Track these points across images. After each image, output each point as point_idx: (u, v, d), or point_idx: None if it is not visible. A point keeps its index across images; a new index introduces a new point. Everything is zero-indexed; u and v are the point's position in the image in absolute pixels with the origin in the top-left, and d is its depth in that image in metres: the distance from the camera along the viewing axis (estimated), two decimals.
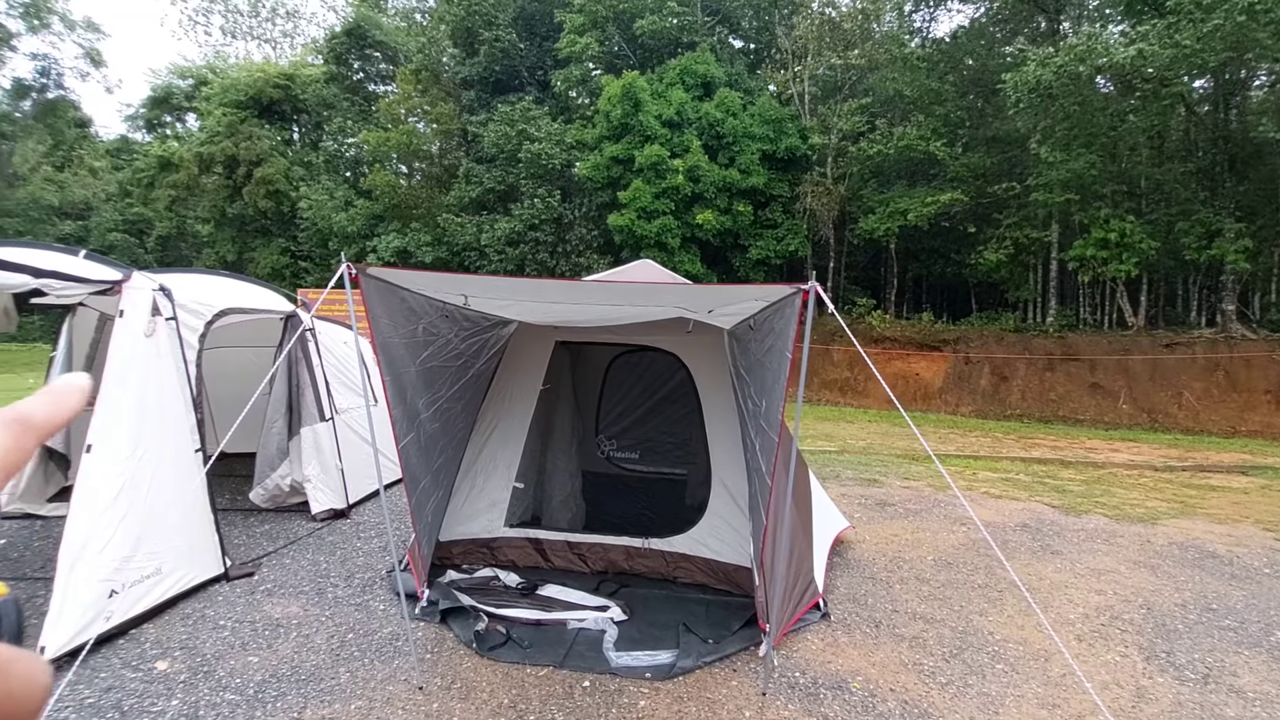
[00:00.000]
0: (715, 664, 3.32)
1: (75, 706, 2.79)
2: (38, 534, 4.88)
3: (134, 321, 3.91)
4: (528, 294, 3.45)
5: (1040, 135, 14.19)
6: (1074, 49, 11.94)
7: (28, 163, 29.03)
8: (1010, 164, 16.59)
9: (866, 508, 6.59)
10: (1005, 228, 16.39)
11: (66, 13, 28.49)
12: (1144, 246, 14.35)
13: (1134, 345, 15.25)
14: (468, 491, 4.57)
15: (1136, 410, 14.65)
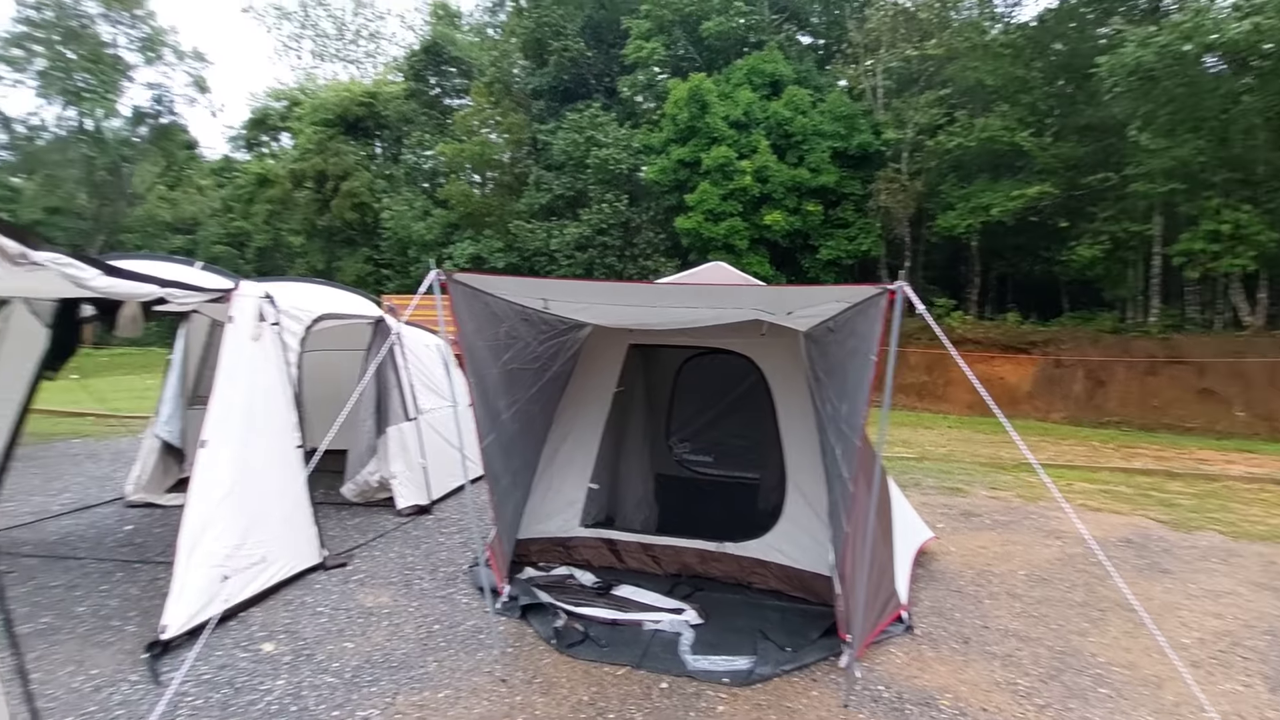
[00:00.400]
0: (794, 673, 3.26)
1: (195, 682, 3.03)
2: (158, 521, 5.34)
3: (242, 327, 4.22)
4: (604, 297, 3.50)
5: (1141, 121, 13.16)
6: (1179, 26, 11.01)
7: (145, 183, 31.83)
8: (1106, 153, 15.48)
9: (950, 518, 6.31)
10: (1101, 221, 15.30)
11: (176, 44, 31.05)
12: (1262, 238, 13.07)
13: (1250, 347, 13.90)
14: (544, 491, 4.68)
15: (1254, 418, 13.35)
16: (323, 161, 25.07)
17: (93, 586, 4.07)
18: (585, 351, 4.81)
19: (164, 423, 5.77)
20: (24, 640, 3.34)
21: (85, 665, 3.17)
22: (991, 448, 10.71)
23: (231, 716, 2.79)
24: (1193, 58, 11.59)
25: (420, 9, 38.00)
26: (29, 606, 3.77)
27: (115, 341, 23.71)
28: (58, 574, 4.26)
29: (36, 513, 5.50)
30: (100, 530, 5.13)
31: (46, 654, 3.26)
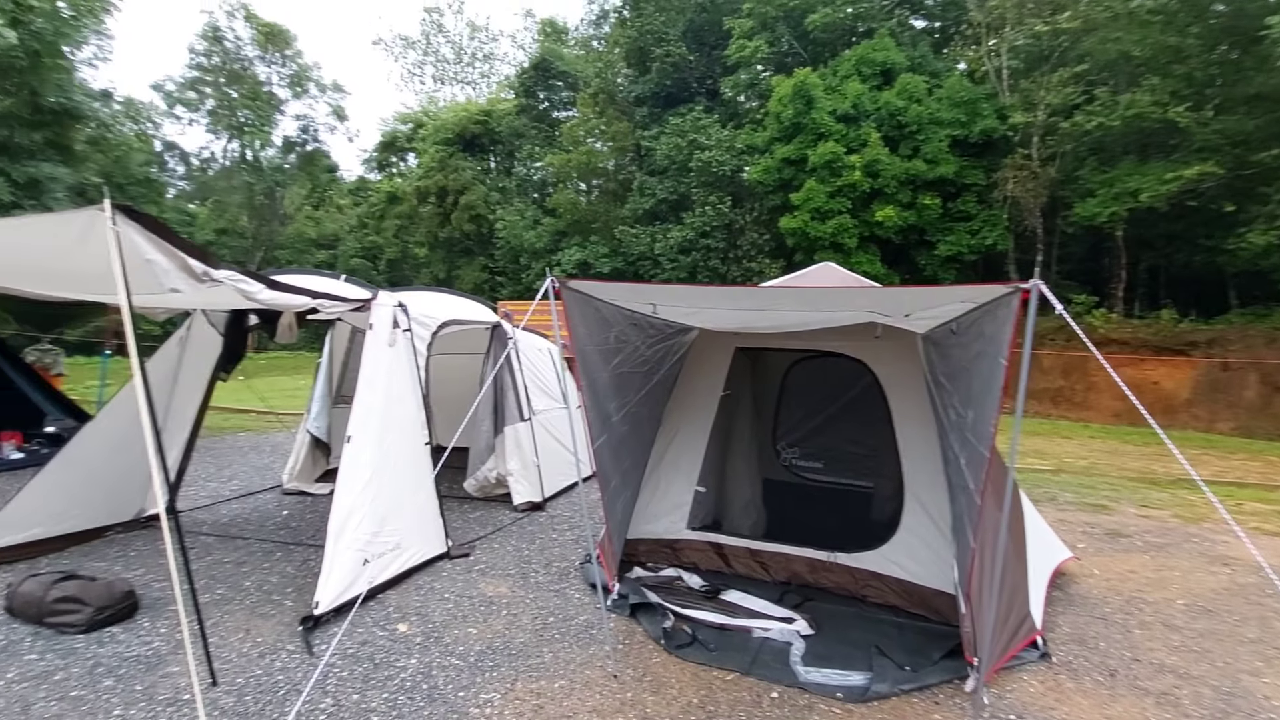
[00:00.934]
0: (914, 693, 3.10)
1: (340, 654, 3.35)
2: (309, 508, 5.95)
3: (380, 333, 4.62)
4: (713, 301, 3.50)
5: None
6: None
7: (294, 204, 35.63)
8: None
9: (1093, 537, 5.74)
10: (1277, 204, 13.30)
11: (319, 78, 34.47)
12: None
13: None
14: (652, 492, 4.75)
15: None
16: (443, 178, 26.88)
17: (257, 564, 4.61)
18: (692, 355, 4.83)
19: (313, 419, 6.42)
20: (203, 608, 3.84)
21: (252, 633, 3.59)
22: (1142, 461, 9.61)
23: (371, 688, 3.06)
24: None
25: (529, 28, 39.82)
26: (206, 579, 4.32)
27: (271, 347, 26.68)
28: (229, 551, 4.85)
29: (211, 497, 6.30)
30: (262, 514, 5.80)
31: (221, 621, 3.73)
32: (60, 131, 17.31)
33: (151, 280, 3.11)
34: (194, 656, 3.06)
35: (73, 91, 17.22)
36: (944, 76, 17.27)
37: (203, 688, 3.03)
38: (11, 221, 3.13)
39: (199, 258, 3.16)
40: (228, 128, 32.99)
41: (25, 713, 2.83)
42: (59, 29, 15.54)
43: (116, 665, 3.25)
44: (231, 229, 32.03)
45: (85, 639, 3.50)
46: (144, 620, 3.72)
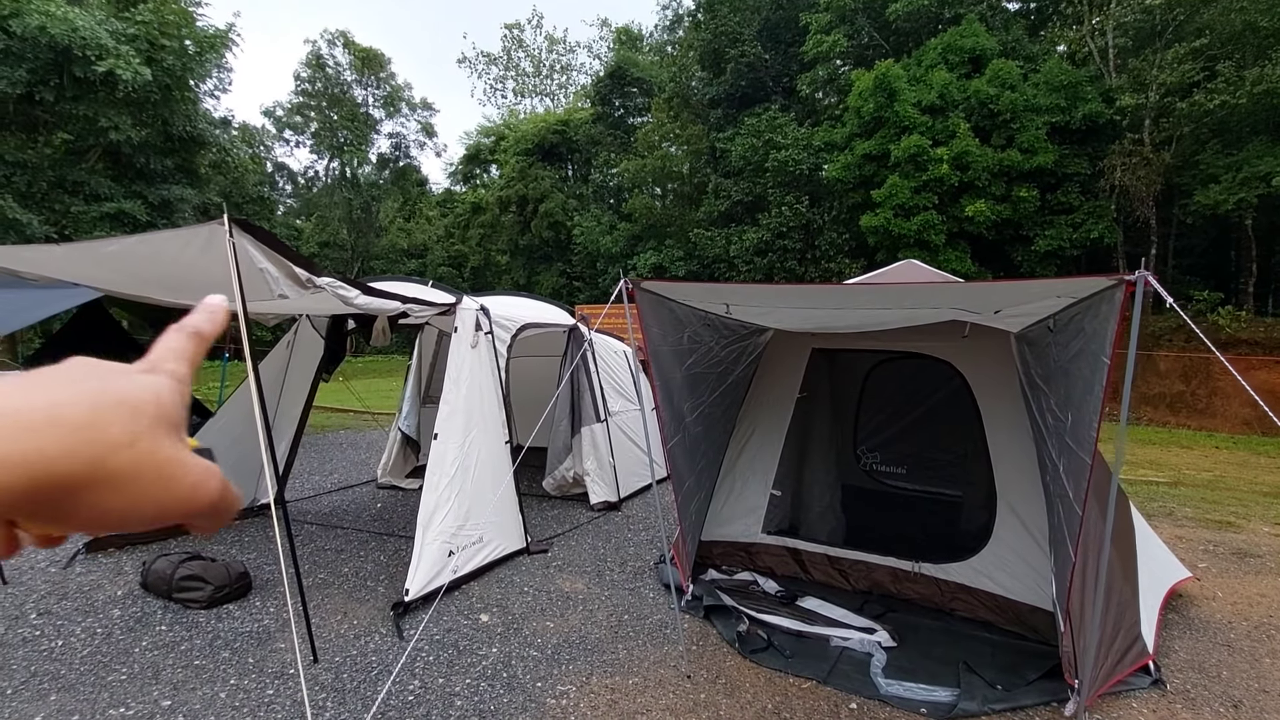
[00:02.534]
0: (1006, 713, 2.92)
1: (427, 640, 3.52)
2: (400, 501, 6.29)
3: (464, 336, 4.83)
4: (786, 300, 3.45)
5: None
6: None
7: (387, 217, 37.82)
8: None
9: (1217, 556, 5.20)
10: None
11: (410, 98, 36.46)
12: None
13: None
14: (727, 495, 4.71)
15: None
16: (523, 187, 27.77)
17: (354, 552, 4.92)
18: (767, 356, 4.77)
19: (404, 418, 6.79)
20: (307, 591, 4.15)
21: (349, 616, 3.84)
22: (1276, 474, 8.61)
23: (455, 673, 3.20)
24: None
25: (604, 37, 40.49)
26: (310, 565, 4.66)
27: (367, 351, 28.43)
28: (330, 540, 5.21)
29: (315, 489, 6.78)
30: (358, 506, 6.18)
31: (321, 604, 4.01)
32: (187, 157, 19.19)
33: (263, 287, 3.40)
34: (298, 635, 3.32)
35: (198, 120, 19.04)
36: (1040, 60, 16.18)
37: (305, 664, 3.28)
38: (144, 236, 3.51)
39: (304, 266, 3.42)
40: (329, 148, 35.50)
41: (156, 678, 3.15)
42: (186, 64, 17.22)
43: (232, 639, 3.56)
44: (333, 242, 34.35)
45: (206, 614, 3.86)
46: (256, 600, 4.06)
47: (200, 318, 0.40)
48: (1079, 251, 15.23)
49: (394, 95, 36.01)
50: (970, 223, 15.26)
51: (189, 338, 0.39)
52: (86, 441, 0.29)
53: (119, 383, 0.32)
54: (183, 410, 0.34)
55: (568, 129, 28.72)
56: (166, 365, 0.36)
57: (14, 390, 0.30)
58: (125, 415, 0.30)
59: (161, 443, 0.31)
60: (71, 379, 0.31)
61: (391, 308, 4.21)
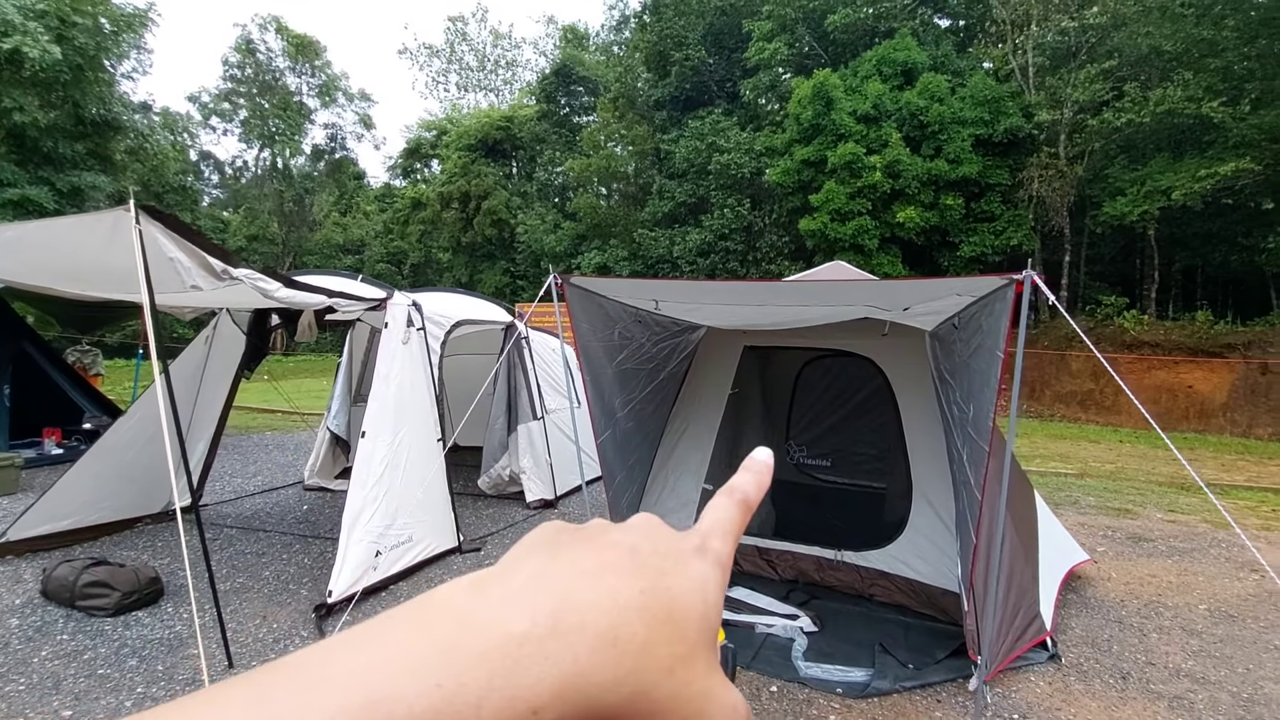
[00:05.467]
0: (916, 691, 3.08)
1: None
2: (328, 503, 6.09)
3: (395, 332, 4.73)
4: (713, 297, 3.53)
5: None
6: None
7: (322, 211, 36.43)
8: None
9: (1114, 541, 5.61)
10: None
11: (347, 88, 35.27)
12: None
13: None
14: (660, 489, 4.78)
15: None
16: (466, 183, 27.26)
17: (276, 555, 4.74)
18: (701, 353, 4.86)
19: (333, 417, 6.58)
20: (223, 596, 3.98)
21: (269, 620, 3.71)
22: (1173, 466, 9.33)
23: None
24: None
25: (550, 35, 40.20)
26: (228, 569, 4.47)
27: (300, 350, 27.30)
28: (250, 543, 5.00)
29: (236, 492, 6.49)
30: (283, 509, 5.95)
31: (239, 608, 3.85)
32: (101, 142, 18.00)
33: (174, 278, 3.25)
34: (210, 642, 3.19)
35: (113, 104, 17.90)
36: (967, 75, 17.03)
37: (219, 669, 3.15)
38: (45, 223, 3.30)
39: (219, 256, 3.29)
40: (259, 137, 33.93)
41: (56, 689, 2.97)
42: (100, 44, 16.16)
43: (141, 646, 3.39)
44: (263, 235, 32.85)
45: (113, 622, 3.66)
46: (168, 606, 3.86)
47: (748, 479, 0.34)
48: (1000, 257, 16.10)
49: (330, 85, 34.76)
50: (901, 228, 15.91)
51: (738, 506, 0.32)
52: (635, 670, 0.23)
53: (672, 583, 0.26)
54: (721, 609, 0.28)
55: (512, 126, 28.38)
56: (714, 543, 0.30)
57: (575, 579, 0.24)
58: (672, 633, 0.25)
59: (698, 670, 0.25)
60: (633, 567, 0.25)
61: (316, 302, 4.09)
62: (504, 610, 0.23)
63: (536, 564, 0.25)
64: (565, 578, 0.24)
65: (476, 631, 0.22)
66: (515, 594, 0.24)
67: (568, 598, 0.24)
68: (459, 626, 0.22)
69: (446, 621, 0.22)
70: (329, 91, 35.04)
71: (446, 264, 29.91)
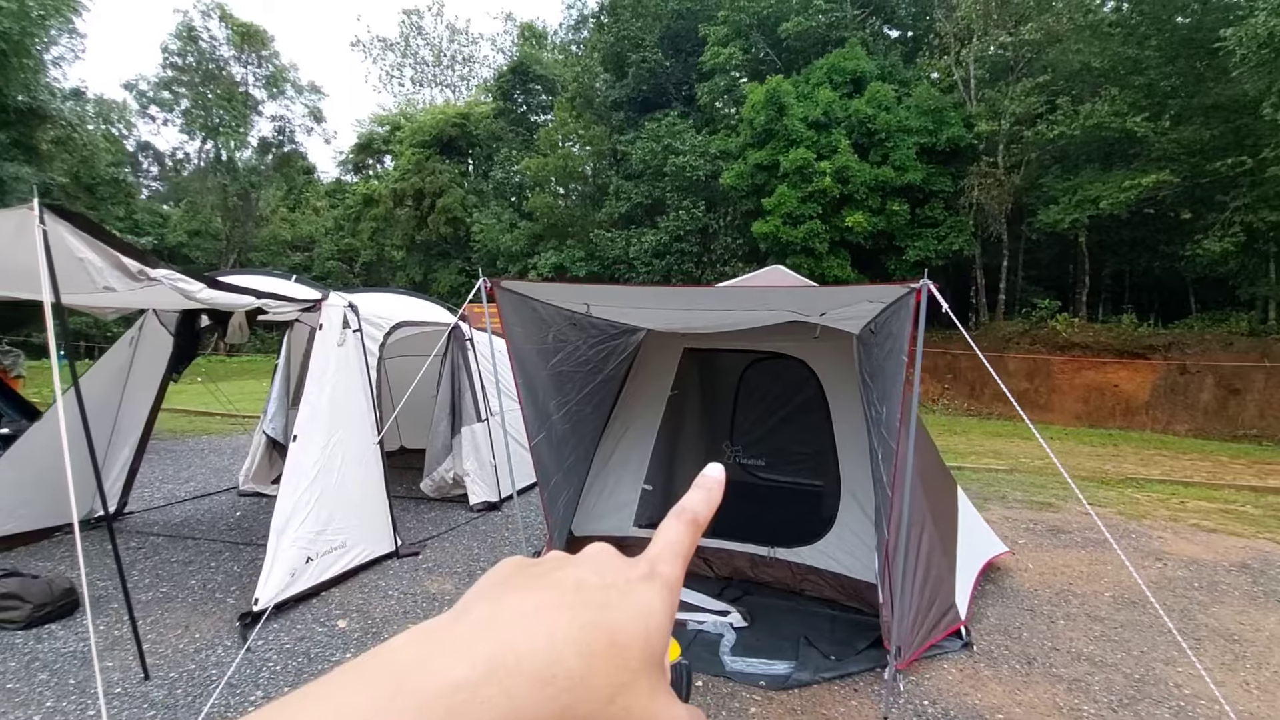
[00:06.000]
0: (835, 681, 3.20)
1: (276, 649, 3.38)
2: (263, 509, 5.92)
3: (330, 333, 4.65)
4: (643, 300, 3.60)
5: (1276, 97, 11.72)
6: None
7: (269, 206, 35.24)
8: (1238, 135, 13.88)
9: (1035, 533, 5.90)
10: (1233, 211, 13.74)
11: (296, 79, 34.22)
12: None
13: None
14: (600, 491, 4.82)
15: None
16: (420, 181, 26.79)
17: (204, 563, 4.60)
18: (641, 355, 4.93)
19: (269, 420, 6.41)
20: (145, 606, 3.86)
21: (191, 629, 3.61)
22: (1096, 461, 9.87)
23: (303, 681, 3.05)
24: None
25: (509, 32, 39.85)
26: (151, 578, 4.32)
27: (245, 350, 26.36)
28: (178, 551, 4.84)
29: (166, 498, 6.26)
30: (215, 515, 5.77)
31: (161, 619, 3.74)
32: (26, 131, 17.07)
33: (86, 279, 3.14)
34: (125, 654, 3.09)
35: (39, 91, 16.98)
36: (914, 85, 17.59)
37: (135, 682, 3.06)
38: None
39: (134, 256, 3.19)
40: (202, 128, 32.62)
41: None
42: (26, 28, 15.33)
43: (52, 660, 3.26)
44: (205, 230, 31.59)
45: (24, 635, 3.51)
46: (83, 618, 3.71)
47: (698, 498, 0.34)
48: (943, 262, 16.69)
49: (277, 75, 33.65)
50: (850, 232, 16.33)
51: (688, 527, 0.33)
52: (573, 704, 0.24)
53: (614, 614, 0.27)
54: (669, 632, 0.29)
55: (468, 122, 28.01)
56: (663, 568, 0.31)
57: (514, 622, 0.26)
58: (612, 662, 0.26)
59: (640, 695, 0.26)
60: (575, 602, 0.27)
61: (244, 303, 3.99)
62: (444, 659, 0.24)
63: (483, 609, 0.27)
64: (507, 621, 0.26)
65: (415, 684, 0.23)
66: (457, 641, 0.25)
67: (507, 641, 0.25)
68: (399, 680, 0.23)
69: (388, 676, 0.24)
70: (276, 82, 33.93)
71: (400, 262, 29.33)
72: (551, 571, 0.29)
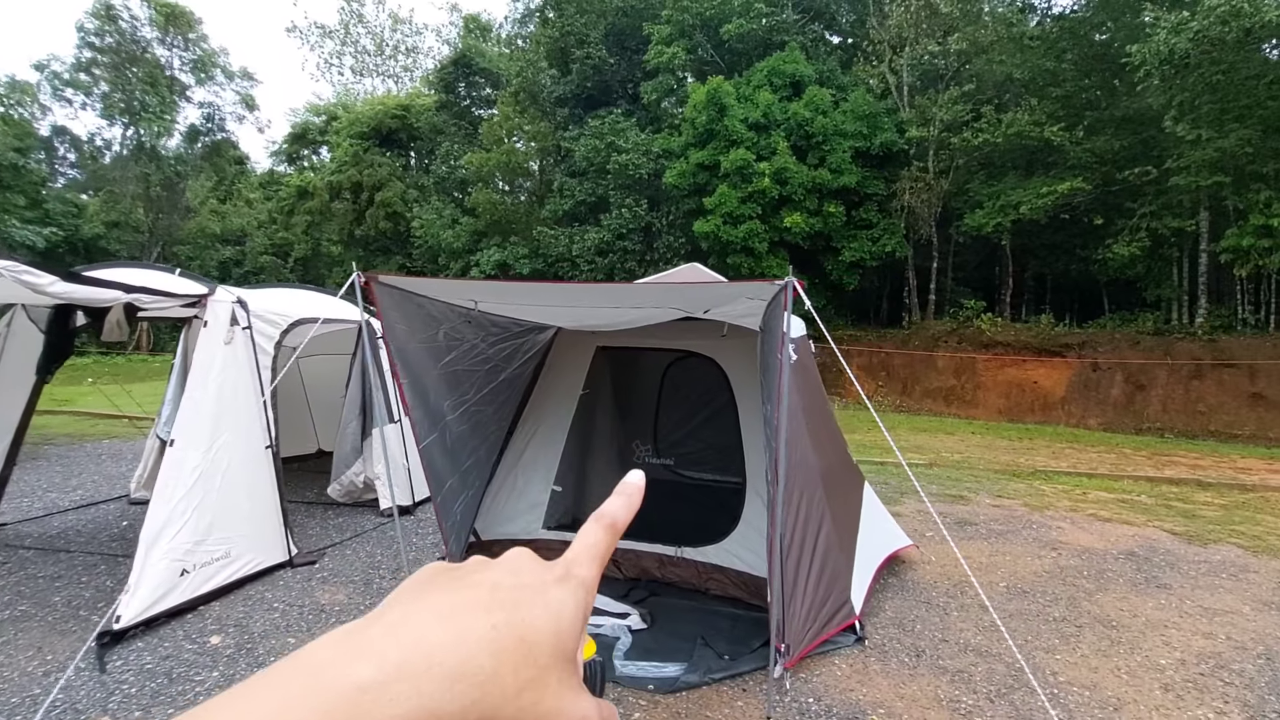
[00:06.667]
0: (726, 682, 3.19)
1: (136, 670, 3.14)
2: None
3: (215, 331, 4.38)
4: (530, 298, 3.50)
5: (1176, 111, 12.48)
6: (1214, 10, 10.36)
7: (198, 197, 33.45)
8: (1146, 146, 14.74)
9: (944, 526, 6.05)
10: (1140, 218, 14.58)
11: (227, 64, 32.59)
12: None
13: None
14: (509, 492, 4.70)
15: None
16: (358, 173, 25.92)
17: (74, 578, 4.27)
18: (554, 354, 4.83)
19: (163, 423, 6.01)
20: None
21: (44, 651, 3.33)
22: (1012, 454, 10.28)
23: (159, 704, 2.88)
24: (1233, 43, 10.91)
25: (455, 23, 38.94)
26: (12, 595, 3.98)
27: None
28: (48, 566, 4.48)
29: (46, 508, 5.81)
30: (98, 525, 5.39)
31: (13, 640, 3.44)
32: None
33: None
34: None
35: None
36: (851, 90, 18.01)
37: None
38: None
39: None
40: (124, 113, 30.69)
41: None
42: None
43: None
44: (125, 222, 29.74)
45: None
46: None
47: (618, 504, 0.36)
48: (877, 263, 17.15)
49: (205, 60, 31.94)
50: (789, 233, 16.60)
51: (606, 531, 0.35)
52: (481, 699, 0.26)
53: (526, 613, 0.29)
54: (581, 630, 0.31)
55: (409, 115, 27.25)
56: (578, 570, 0.33)
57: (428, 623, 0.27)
58: (521, 659, 0.27)
59: (548, 690, 0.28)
60: (489, 603, 0.28)
61: (107, 298, 3.71)
62: (354, 663, 0.25)
63: (397, 612, 0.27)
64: (421, 621, 0.27)
65: (324, 686, 0.24)
66: (369, 643, 0.26)
67: (419, 640, 0.26)
68: (308, 683, 0.24)
69: (300, 679, 0.24)
70: (205, 67, 32.16)
71: (337, 257, 28.34)
72: (470, 574, 0.30)
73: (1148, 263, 15.24)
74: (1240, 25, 10.36)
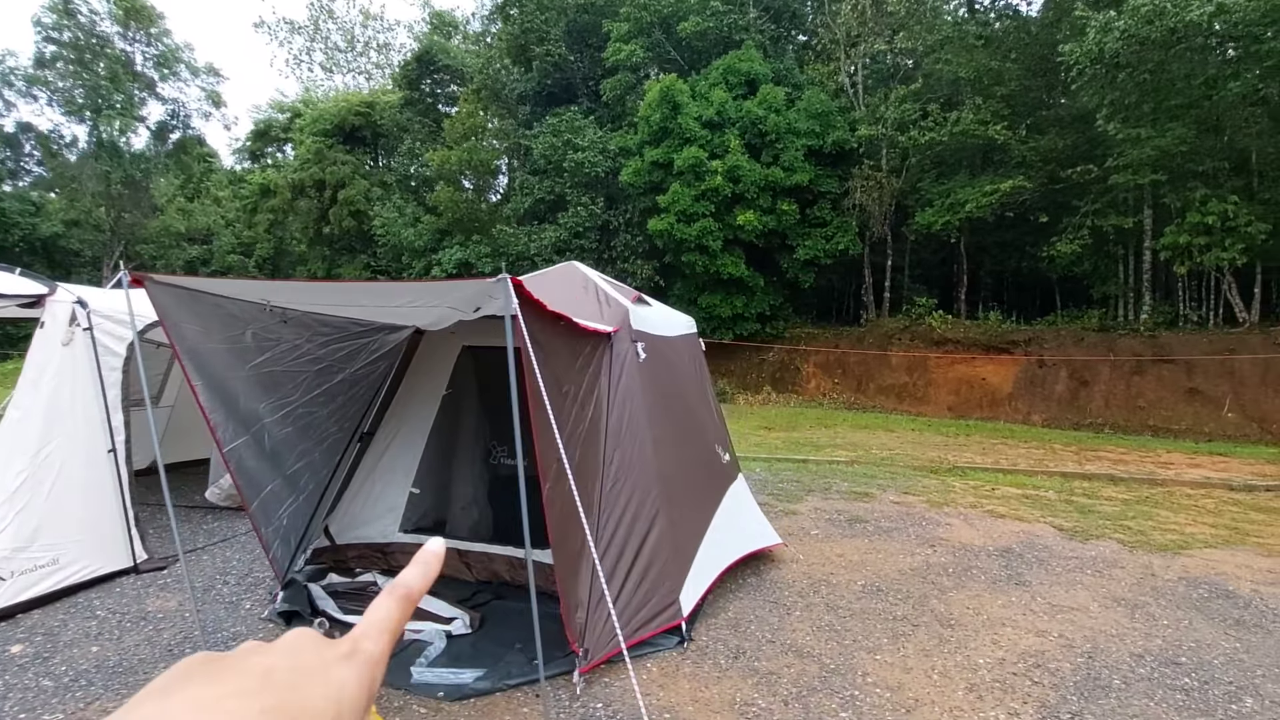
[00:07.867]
0: (521, 688, 3.15)
1: None
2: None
3: (52, 332, 4.28)
4: (283, 295, 3.41)
5: (1108, 110, 12.60)
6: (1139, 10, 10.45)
7: (165, 195, 32.99)
8: (1090, 145, 14.86)
9: (834, 524, 6.07)
10: (1082, 215, 14.71)
11: (191, 60, 32.15)
12: (1251, 230, 12.40)
13: (1243, 344, 13.18)
14: (366, 497, 4.64)
15: (1244, 419, 12.65)
16: (321, 171, 25.65)
17: None
18: (419, 353, 4.76)
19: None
20: None
21: None
22: (941, 451, 10.34)
23: None
24: (1159, 42, 11.01)
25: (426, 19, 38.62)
26: None
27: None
28: None
29: None
30: None
31: None
32: None
33: None
34: None
35: None
36: (806, 89, 18.03)
37: None
38: None
39: None
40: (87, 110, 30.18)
41: None
42: None
43: None
44: (85, 221, 29.29)
45: None
46: None
47: (414, 573, 0.37)
48: (831, 260, 17.20)
49: (169, 55, 31.49)
50: (743, 231, 16.61)
51: (399, 603, 0.35)
52: None
53: (303, 694, 0.28)
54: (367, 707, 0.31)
55: (373, 112, 26.99)
56: (366, 645, 0.33)
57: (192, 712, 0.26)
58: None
59: None
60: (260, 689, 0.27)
61: None
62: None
63: (149, 708, 0.26)
64: (177, 716, 0.26)
65: None
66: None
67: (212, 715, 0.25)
68: None
69: None
70: (168, 63, 31.73)
71: (302, 256, 28.06)
72: (240, 662, 0.29)
73: (1093, 260, 15.39)
74: (1164, 25, 10.45)
